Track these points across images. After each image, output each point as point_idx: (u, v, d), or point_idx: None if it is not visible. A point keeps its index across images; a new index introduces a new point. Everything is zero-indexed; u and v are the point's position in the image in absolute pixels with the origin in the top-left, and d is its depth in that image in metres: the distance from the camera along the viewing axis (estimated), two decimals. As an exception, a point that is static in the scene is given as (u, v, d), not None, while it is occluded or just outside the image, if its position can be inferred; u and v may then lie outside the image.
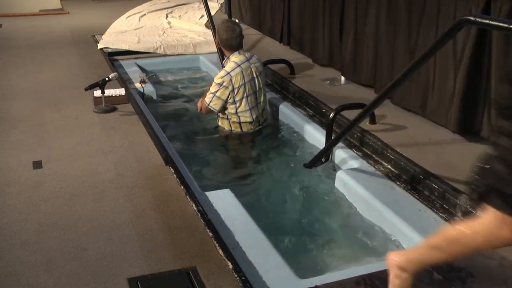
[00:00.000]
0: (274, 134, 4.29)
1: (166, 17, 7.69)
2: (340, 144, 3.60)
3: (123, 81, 4.91)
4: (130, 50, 6.01)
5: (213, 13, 6.57)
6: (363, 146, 3.64)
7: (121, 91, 4.42)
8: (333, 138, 3.52)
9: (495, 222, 1.51)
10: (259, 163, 3.92)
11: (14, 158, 3.40)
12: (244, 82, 4.01)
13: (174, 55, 6.13)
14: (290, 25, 6.01)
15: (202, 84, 5.72)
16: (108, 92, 4.29)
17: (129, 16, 7.72)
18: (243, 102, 4.05)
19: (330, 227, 3.03)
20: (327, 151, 3.55)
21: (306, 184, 3.51)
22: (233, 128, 4.15)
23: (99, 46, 6.22)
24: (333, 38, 5.05)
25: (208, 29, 6.75)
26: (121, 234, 2.55)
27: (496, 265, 2.14)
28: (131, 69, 5.57)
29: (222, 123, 4.23)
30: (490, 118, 3.31)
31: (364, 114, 3.19)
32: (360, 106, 3.63)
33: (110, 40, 6.33)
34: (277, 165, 3.83)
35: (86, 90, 4.29)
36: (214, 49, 5.59)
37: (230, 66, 4.05)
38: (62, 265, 2.32)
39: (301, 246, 2.87)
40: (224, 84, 3.98)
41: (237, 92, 4.00)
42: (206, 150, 4.12)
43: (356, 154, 3.58)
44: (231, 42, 4.08)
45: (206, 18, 6.47)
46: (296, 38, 5.91)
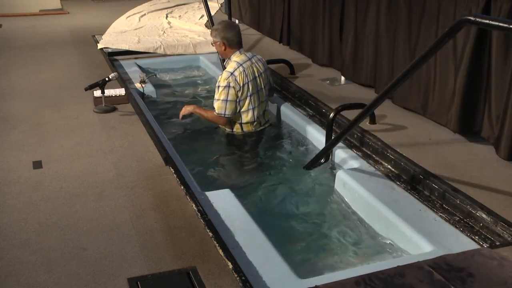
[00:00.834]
0: (274, 134, 4.28)
1: (166, 17, 7.68)
2: (340, 144, 3.60)
3: (123, 81, 4.91)
4: (130, 50, 6.01)
5: (213, 13, 6.57)
6: (363, 146, 3.64)
7: (121, 91, 4.42)
8: (333, 138, 3.52)
9: None
10: (259, 163, 3.92)
11: (14, 158, 3.40)
12: (247, 81, 3.97)
13: (174, 55, 6.12)
14: (290, 25, 6.01)
15: (202, 84, 5.72)
16: (108, 92, 4.28)
17: (129, 16, 7.72)
18: (246, 101, 4.01)
19: (330, 227, 3.03)
20: (327, 152, 3.55)
21: (306, 184, 3.51)
22: (234, 128, 4.12)
23: (99, 46, 6.22)
24: (333, 38, 5.06)
25: (208, 29, 6.75)
26: (121, 234, 2.55)
27: (496, 265, 2.14)
28: (131, 69, 5.57)
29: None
30: (490, 118, 3.31)
31: (364, 114, 3.18)
32: (360, 106, 3.63)
33: (110, 40, 6.32)
34: (277, 165, 3.83)
35: (86, 90, 4.28)
36: (214, 49, 5.58)
37: (232, 66, 4.00)
38: (62, 265, 2.32)
39: (301, 246, 2.87)
40: (230, 85, 3.91)
41: (241, 91, 3.97)
42: (206, 150, 4.11)
43: (356, 154, 3.58)
44: (234, 38, 4.02)
45: (206, 18, 6.48)
46: (296, 38, 5.91)
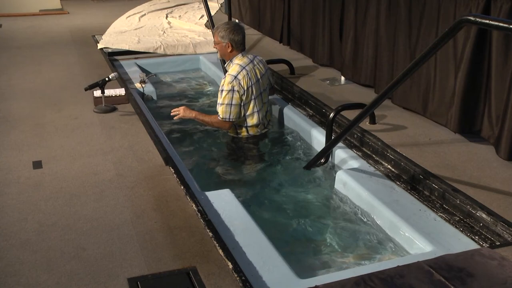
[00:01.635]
0: (274, 135, 4.28)
1: (166, 17, 7.69)
2: (340, 144, 3.60)
3: (123, 81, 4.91)
4: (130, 50, 6.01)
5: (213, 13, 6.58)
6: (363, 146, 3.64)
7: (121, 91, 4.42)
8: (333, 138, 3.52)
9: None
10: (259, 163, 3.92)
11: (14, 158, 3.40)
12: (251, 84, 3.92)
13: (174, 55, 6.13)
14: (290, 25, 6.01)
15: (202, 84, 5.72)
16: (108, 92, 4.28)
17: (129, 16, 7.72)
18: (251, 104, 3.96)
19: (330, 227, 3.03)
20: (327, 152, 3.55)
21: (306, 184, 3.51)
22: (239, 131, 4.06)
23: (99, 46, 6.22)
24: (333, 38, 5.06)
25: (208, 29, 6.75)
26: (121, 234, 2.55)
27: (496, 265, 2.14)
28: (131, 69, 5.57)
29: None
30: (490, 118, 3.31)
31: (364, 114, 3.18)
32: (360, 106, 3.63)
33: (110, 40, 6.33)
34: (277, 165, 3.83)
35: (86, 90, 4.29)
36: (214, 49, 5.58)
37: (235, 69, 3.92)
38: (62, 265, 2.32)
39: (301, 246, 2.87)
40: (235, 88, 3.84)
41: (246, 95, 3.90)
42: (206, 150, 4.11)
43: (356, 154, 3.58)
44: (241, 41, 3.97)
45: (206, 18, 6.48)
46: (296, 38, 5.91)
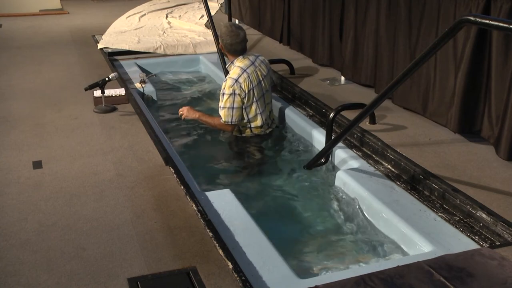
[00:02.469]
0: (274, 135, 4.28)
1: (166, 17, 7.69)
2: (340, 144, 3.60)
3: (123, 81, 4.91)
4: (130, 50, 6.01)
5: (213, 13, 6.57)
6: (363, 146, 3.64)
7: (121, 91, 4.42)
8: (333, 138, 3.52)
9: None
10: (259, 163, 3.92)
11: (14, 158, 3.40)
12: (252, 87, 3.90)
13: (174, 55, 6.13)
14: (290, 25, 6.01)
15: (202, 84, 5.72)
16: (108, 92, 4.28)
17: (129, 16, 7.72)
18: (253, 107, 3.95)
19: (330, 227, 3.03)
20: (327, 152, 3.55)
21: (306, 184, 3.51)
22: (243, 132, 4.06)
23: (99, 46, 6.22)
24: (333, 38, 5.06)
25: (208, 29, 6.75)
26: (121, 234, 2.55)
27: (496, 265, 2.14)
28: (131, 69, 5.57)
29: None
30: (490, 118, 3.31)
31: (364, 114, 3.18)
32: (360, 106, 3.63)
33: (110, 40, 6.33)
34: (277, 165, 3.83)
35: (86, 90, 4.29)
36: (214, 49, 5.60)
37: (235, 72, 3.91)
38: (62, 265, 2.32)
39: (301, 246, 2.87)
40: (236, 92, 3.84)
41: (247, 98, 3.90)
42: (206, 150, 4.11)
43: (356, 154, 3.58)
44: (235, 47, 3.96)
45: (206, 18, 6.47)
46: (296, 38, 5.91)
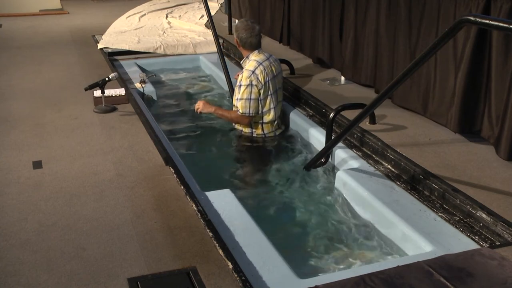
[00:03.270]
0: (278, 136, 4.27)
1: (166, 17, 7.69)
2: (340, 144, 3.60)
3: (123, 81, 4.91)
4: (130, 50, 6.01)
5: (213, 13, 6.58)
6: (363, 146, 3.64)
7: (121, 91, 4.42)
8: (333, 138, 3.52)
9: None
10: (259, 163, 3.92)
11: (14, 158, 3.40)
12: (268, 79, 3.99)
13: (174, 55, 6.13)
14: (290, 25, 6.01)
15: (202, 84, 5.72)
16: (108, 92, 4.28)
17: (129, 16, 7.73)
18: (268, 100, 4.02)
19: (330, 227, 3.03)
20: (327, 152, 3.55)
21: (306, 184, 3.51)
22: (254, 128, 4.09)
23: (99, 46, 6.22)
24: (333, 38, 5.05)
25: (208, 29, 6.76)
26: (121, 234, 2.55)
27: (496, 265, 2.14)
28: (131, 69, 5.57)
29: (241, 125, 4.14)
30: (491, 118, 3.31)
31: (364, 114, 3.18)
32: (360, 106, 3.63)
33: (110, 40, 6.33)
34: (277, 165, 3.83)
35: (86, 90, 4.29)
36: (214, 49, 5.59)
37: (252, 65, 4.00)
38: (62, 265, 2.32)
39: (301, 246, 2.87)
40: (253, 83, 3.93)
41: (263, 89, 3.97)
42: (206, 150, 4.12)
43: (356, 154, 3.58)
44: (251, 40, 4.05)
45: (206, 18, 6.48)
46: (296, 38, 5.91)
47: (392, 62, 4.17)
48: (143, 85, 4.91)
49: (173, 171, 3.17)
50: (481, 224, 2.67)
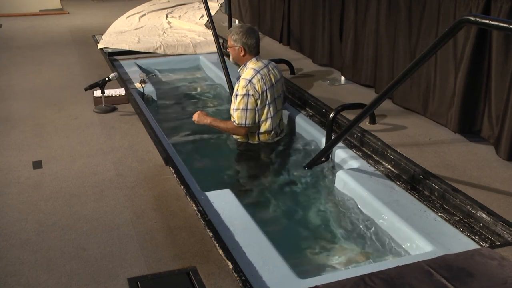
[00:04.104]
0: (278, 142, 4.25)
1: (166, 17, 7.69)
2: (340, 144, 3.60)
3: (123, 81, 4.91)
4: (130, 50, 6.01)
5: (213, 13, 6.58)
6: (363, 146, 3.64)
7: (121, 91, 4.42)
8: (333, 138, 3.52)
9: None
10: (259, 163, 3.92)
11: (14, 158, 3.40)
12: (265, 89, 3.82)
13: (174, 55, 6.13)
14: (290, 25, 6.01)
15: (202, 84, 5.72)
16: (108, 92, 4.28)
17: (129, 16, 7.72)
18: (265, 110, 3.86)
19: (330, 227, 3.03)
20: (327, 151, 3.55)
21: (306, 184, 3.51)
22: (250, 139, 3.96)
23: (99, 46, 6.22)
24: (333, 38, 5.06)
25: (208, 29, 6.76)
26: (121, 234, 2.55)
27: (496, 265, 2.14)
28: (131, 69, 5.57)
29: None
30: (491, 118, 3.31)
31: (364, 114, 3.19)
32: (360, 106, 3.63)
33: (110, 40, 6.33)
34: (277, 165, 3.83)
35: (86, 90, 4.29)
36: (214, 49, 5.59)
37: (249, 73, 3.82)
38: (62, 265, 2.32)
39: (301, 246, 2.87)
40: (249, 93, 3.76)
41: (260, 99, 3.82)
42: (206, 150, 4.11)
43: (356, 154, 3.58)
44: (256, 44, 3.88)
45: (206, 18, 6.48)
46: (296, 38, 5.91)
47: (392, 62, 4.17)
48: (143, 85, 4.91)
49: (173, 171, 3.17)
50: (481, 224, 2.67)
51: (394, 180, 3.21)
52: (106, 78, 4.23)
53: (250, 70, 3.86)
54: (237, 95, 3.80)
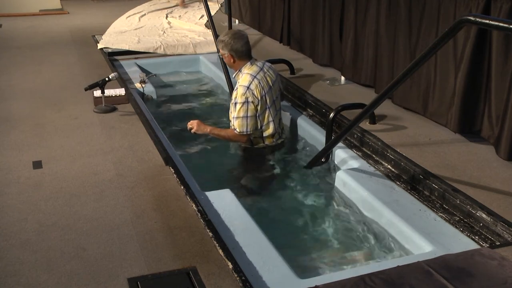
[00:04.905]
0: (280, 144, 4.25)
1: (166, 17, 7.69)
2: (340, 144, 3.60)
3: (123, 81, 4.91)
4: (130, 50, 6.01)
5: (213, 13, 6.57)
6: (363, 146, 3.64)
7: (121, 91, 4.42)
8: (333, 138, 3.52)
9: None
10: (259, 163, 3.91)
11: (14, 158, 3.40)
12: (264, 93, 3.75)
13: (174, 55, 6.13)
14: (290, 25, 6.01)
15: (202, 84, 5.72)
16: (108, 92, 4.28)
17: (129, 16, 7.72)
18: (266, 114, 3.80)
19: (330, 227, 3.03)
20: (327, 151, 3.55)
21: (306, 184, 3.51)
22: (254, 144, 3.91)
23: (99, 46, 6.22)
24: (333, 38, 5.06)
25: (208, 29, 6.75)
26: (121, 234, 2.55)
27: (496, 265, 2.14)
28: (131, 69, 5.57)
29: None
30: (491, 118, 3.31)
31: (364, 114, 3.19)
32: (360, 106, 3.63)
33: (110, 40, 6.33)
34: (277, 164, 3.82)
35: (86, 90, 4.29)
36: (214, 49, 5.59)
37: (246, 79, 3.72)
38: (62, 265, 2.32)
39: (301, 246, 2.87)
40: (249, 100, 3.67)
41: (260, 105, 3.75)
42: (206, 150, 4.11)
43: (356, 154, 3.58)
44: (244, 48, 3.75)
45: (206, 18, 6.48)
46: (296, 38, 5.91)
47: (392, 62, 4.17)
48: (143, 85, 4.91)
49: (173, 171, 3.17)
50: (481, 224, 2.67)
51: (394, 180, 3.21)
52: (106, 78, 4.23)
53: (246, 75, 3.76)
54: (236, 103, 3.72)
